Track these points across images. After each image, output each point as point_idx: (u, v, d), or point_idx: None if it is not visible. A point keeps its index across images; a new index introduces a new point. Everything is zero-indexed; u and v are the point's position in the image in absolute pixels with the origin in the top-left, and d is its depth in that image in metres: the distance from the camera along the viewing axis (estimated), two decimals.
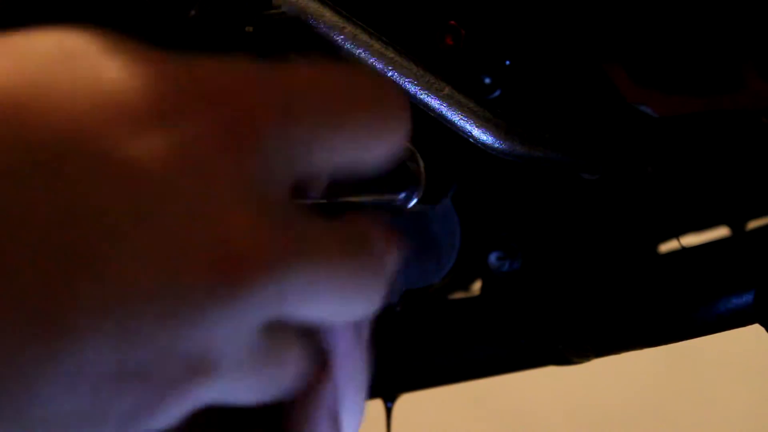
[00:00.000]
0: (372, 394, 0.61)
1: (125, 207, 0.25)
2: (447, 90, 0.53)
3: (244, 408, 0.30)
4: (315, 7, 0.52)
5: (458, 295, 0.68)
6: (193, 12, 0.49)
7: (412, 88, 0.53)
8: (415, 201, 0.53)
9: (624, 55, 0.57)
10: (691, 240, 0.60)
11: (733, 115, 0.57)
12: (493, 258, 0.60)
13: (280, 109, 0.28)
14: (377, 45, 0.53)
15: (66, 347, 0.24)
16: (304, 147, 0.28)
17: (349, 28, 0.52)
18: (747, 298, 0.56)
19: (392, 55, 0.53)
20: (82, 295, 0.24)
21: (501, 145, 0.54)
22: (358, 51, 0.53)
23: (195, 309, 0.25)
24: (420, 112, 0.54)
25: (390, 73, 0.53)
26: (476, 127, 0.54)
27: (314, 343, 0.31)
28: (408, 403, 0.68)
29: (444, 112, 0.54)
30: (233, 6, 0.50)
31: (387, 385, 0.64)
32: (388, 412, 0.64)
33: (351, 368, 0.32)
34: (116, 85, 0.26)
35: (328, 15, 0.52)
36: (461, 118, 0.54)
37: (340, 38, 0.52)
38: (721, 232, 0.64)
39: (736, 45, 0.56)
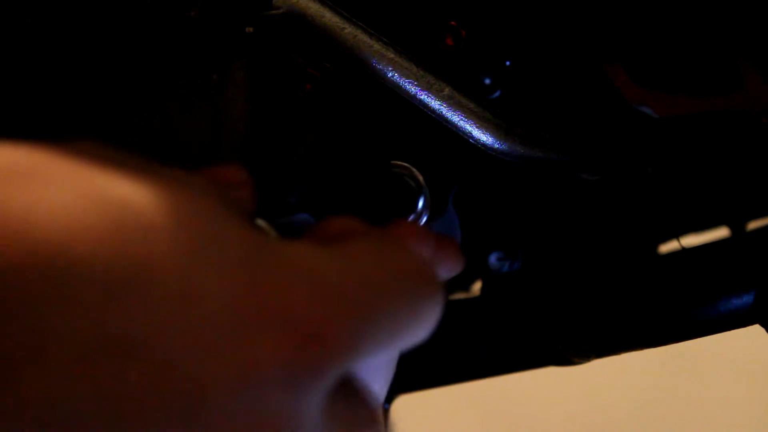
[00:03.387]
0: None
1: (168, 409, 0.24)
2: (447, 90, 0.53)
3: None
4: (315, 8, 0.52)
5: (458, 295, 0.68)
6: (193, 13, 0.49)
7: (413, 89, 0.53)
8: (425, 219, 0.54)
9: (624, 56, 0.57)
10: (691, 240, 0.60)
11: (734, 116, 0.57)
12: (493, 258, 0.60)
13: (348, 336, 0.27)
14: (377, 45, 0.53)
15: None
16: (363, 358, 0.29)
17: (350, 28, 0.52)
18: (747, 298, 0.56)
19: (392, 55, 0.53)
20: None
21: (501, 145, 0.54)
22: (358, 52, 0.53)
23: None
24: (420, 112, 0.54)
25: (390, 74, 0.53)
26: (476, 127, 0.54)
27: None
28: (407, 403, 0.68)
29: (444, 113, 0.54)
30: (234, 7, 0.50)
31: None
32: (385, 413, 0.64)
33: None
34: (211, 303, 0.25)
35: (328, 16, 0.52)
36: (461, 119, 0.54)
37: (340, 39, 0.52)
38: (721, 232, 0.64)
39: (736, 46, 0.56)
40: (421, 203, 0.54)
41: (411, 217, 0.54)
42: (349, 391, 0.30)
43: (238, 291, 0.26)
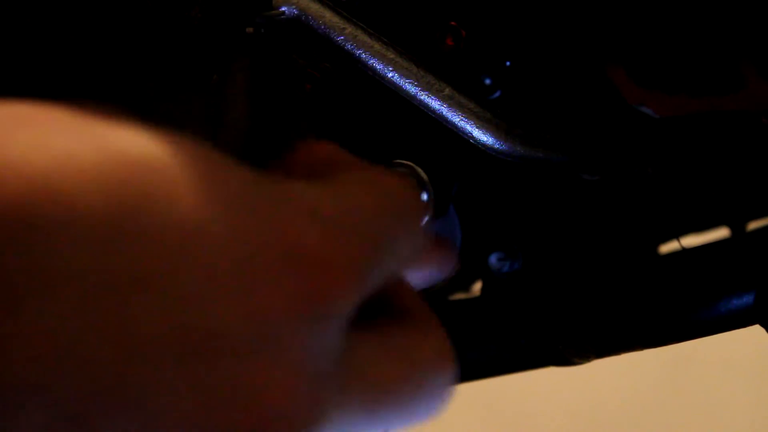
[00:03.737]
0: None
1: (174, 348, 0.24)
2: (447, 91, 0.53)
3: None
4: (315, 8, 0.52)
5: (459, 295, 0.68)
6: (193, 13, 0.49)
7: (413, 89, 0.53)
8: (428, 218, 0.54)
9: (624, 56, 0.57)
10: (691, 241, 0.60)
11: (734, 116, 0.57)
12: (493, 259, 0.60)
13: (357, 273, 0.28)
14: (378, 46, 0.53)
15: None
16: (374, 283, 0.29)
17: (350, 29, 0.52)
18: (747, 298, 0.56)
19: (393, 56, 0.53)
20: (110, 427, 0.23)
21: (501, 146, 0.54)
22: (358, 52, 0.53)
23: None
24: (421, 113, 0.54)
25: (390, 74, 0.53)
26: (476, 128, 0.54)
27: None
28: None
29: (444, 113, 0.54)
30: (234, 7, 0.50)
31: None
32: None
33: None
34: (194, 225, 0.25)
35: (328, 16, 0.52)
36: (462, 119, 0.54)
37: (340, 39, 0.52)
38: (722, 233, 0.64)
39: (736, 45, 0.56)
40: (425, 201, 0.54)
41: None
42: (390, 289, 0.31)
43: (244, 228, 0.26)
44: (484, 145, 0.54)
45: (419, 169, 0.54)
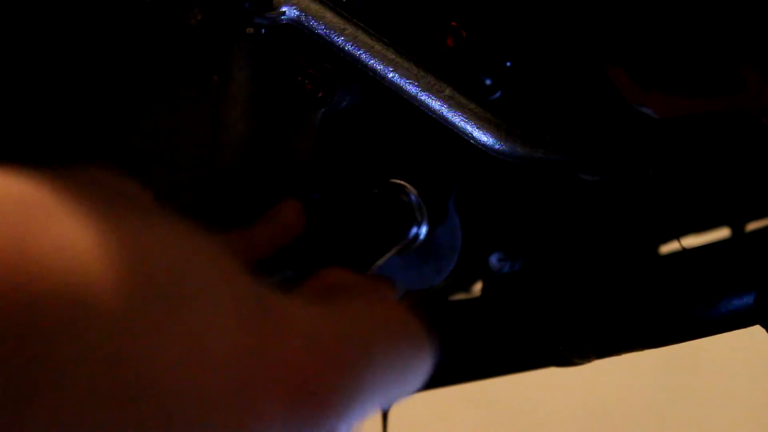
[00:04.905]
0: None
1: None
2: (448, 91, 0.53)
3: None
4: (316, 9, 0.52)
5: (459, 296, 0.68)
6: (194, 13, 0.49)
7: (413, 89, 0.53)
8: (425, 231, 0.54)
9: (625, 57, 0.57)
10: (692, 241, 0.60)
11: (734, 117, 0.57)
12: (494, 259, 0.60)
13: (342, 393, 0.30)
14: (378, 46, 0.53)
15: None
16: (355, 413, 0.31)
17: (350, 29, 0.52)
18: (747, 299, 0.56)
19: (393, 56, 0.53)
20: None
21: (501, 146, 0.54)
22: (359, 52, 0.53)
23: None
24: (421, 113, 0.54)
25: (391, 75, 0.53)
26: (477, 128, 0.54)
27: None
28: (407, 403, 0.67)
29: (445, 114, 0.53)
30: (234, 8, 0.50)
31: None
32: (384, 413, 0.64)
33: None
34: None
35: (329, 16, 0.52)
36: (462, 120, 0.54)
37: (340, 39, 0.52)
38: (722, 233, 0.64)
39: (737, 46, 0.56)
40: (415, 228, 0.54)
41: (413, 231, 0.54)
42: None
43: (244, 344, 0.27)
44: (484, 145, 0.54)
45: (410, 188, 0.54)
